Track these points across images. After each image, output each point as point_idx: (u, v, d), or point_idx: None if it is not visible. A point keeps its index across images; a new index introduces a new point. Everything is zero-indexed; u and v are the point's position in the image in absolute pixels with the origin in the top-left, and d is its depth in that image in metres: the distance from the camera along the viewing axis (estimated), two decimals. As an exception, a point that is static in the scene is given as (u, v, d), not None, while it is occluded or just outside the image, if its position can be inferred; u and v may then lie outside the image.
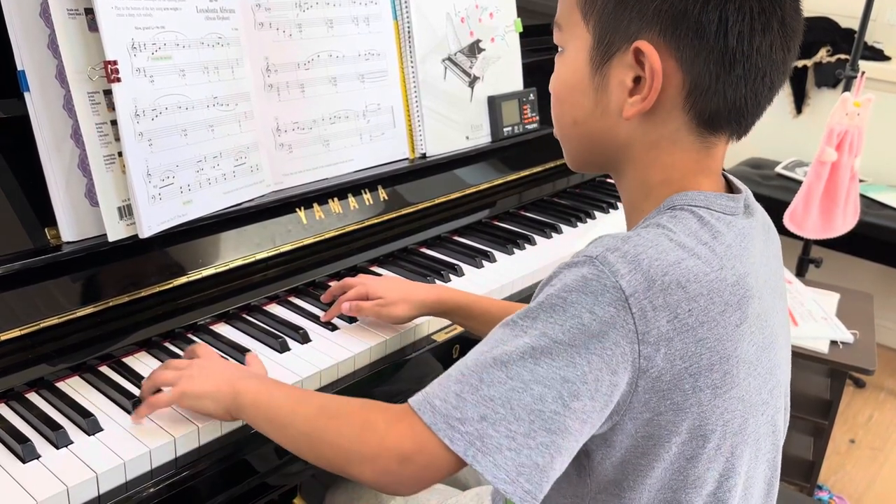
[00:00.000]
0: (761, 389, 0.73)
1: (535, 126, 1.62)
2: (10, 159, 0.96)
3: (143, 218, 0.98)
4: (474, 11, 1.50)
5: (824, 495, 2.06)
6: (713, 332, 0.67)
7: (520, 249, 1.43)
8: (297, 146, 1.23)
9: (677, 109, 0.71)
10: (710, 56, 0.68)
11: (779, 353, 0.77)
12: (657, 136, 0.73)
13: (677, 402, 0.67)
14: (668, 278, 0.65)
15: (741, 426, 0.72)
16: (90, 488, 0.81)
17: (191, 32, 1.05)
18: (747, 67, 0.68)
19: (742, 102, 0.70)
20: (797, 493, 1.31)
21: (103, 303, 0.98)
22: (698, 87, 0.69)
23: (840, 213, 2.13)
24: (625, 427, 0.68)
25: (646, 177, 0.75)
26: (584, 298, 0.65)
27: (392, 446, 0.68)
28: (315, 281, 1.23)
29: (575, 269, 0.67)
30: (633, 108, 0.71)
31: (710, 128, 0.72)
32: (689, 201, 0.72)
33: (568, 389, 0.64)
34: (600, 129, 0.75)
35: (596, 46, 0.72)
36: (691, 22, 0.67)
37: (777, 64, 0.70)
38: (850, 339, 1.84)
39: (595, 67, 0.73)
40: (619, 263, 0.65)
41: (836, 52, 2.82)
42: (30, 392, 0.93)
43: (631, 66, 0.70)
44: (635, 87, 0.71)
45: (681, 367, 0.66)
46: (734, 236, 0.71)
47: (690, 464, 0.70)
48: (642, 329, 0.64)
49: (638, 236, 0.67)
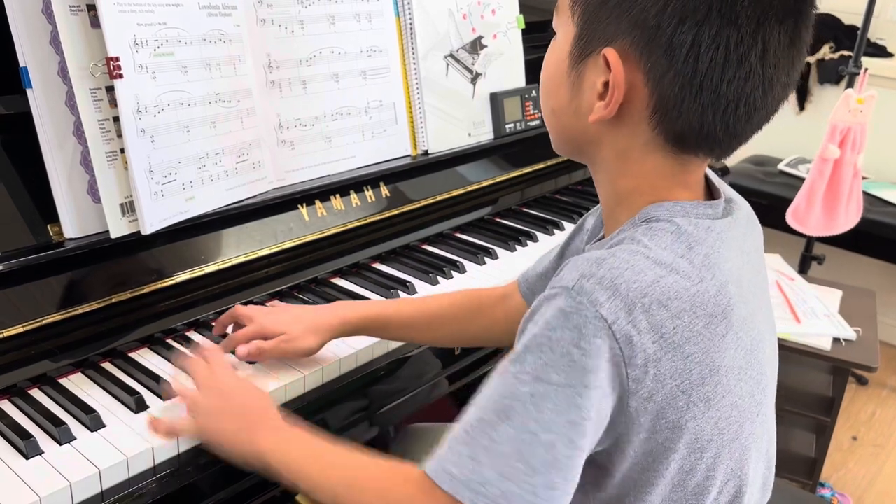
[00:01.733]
0: (754, 391, 0.73)
1: (537, 123, 1.62)
2: (13, 156, 0.96)
3: (145, 214, 0.98)
4: (476, 8, 1.50)
5: (826, 492, 2.06)
6: (700, 346, 0.66)
7: (522, 246, 1.43)
8: (299, 143, 1.23)
9: (644, 123, 0.69)
10: (677, 78, 0.65)
11: (766, 350, 0.76)
12: (626, 146, 0.71)
13: (672, 420, 0.67)
14: (647, 300, 0.64)
15: (737, 432, 0.72)
16: (93, 484, 0.81)
17: (193, 29, 1.05)
18: (713, 98, 0.65)
19: (711, 129, 0.67)
20: (799, 490, 1.31)
21: (105, 299, 0.99)
22: (663, 105, 0.67)
23: (843, 210, 2.12)
24: (623, 450, 0.68)
25: (616, 183, 0.74)
26: (569, 334, 0.63)
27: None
28: (317, 278, 1.23)
29: (553, 302, 0.65)
30: (596, 113, 0.70)
31: (681, 147, 0.70)
32: (664, 212, 0.70)
33: (575, 431, 0.63)
34: (573, 125, 0.74)
35: (576, 41, 0.71)
36: (663, 39, 0.64)
37: (754, 97, 0.67)
38: (853, 336, 1.84)
39: (573, 63, 0.71)
40: (596, 291, 0.63)
41: (839, 49, 2.81)
42: (33, 388, 0.93)
43: (603, 70, 0.68)
44: (604, 91, 0.69)
45: (672, 386, 0.65)
46: (711, 242, 0.69)
47: (690, 476, 0.70)
48: (628, 354, 0.63)
49: (613, 257, 0.66)
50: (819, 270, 2.57)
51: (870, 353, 1.81)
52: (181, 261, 1.07)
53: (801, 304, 1.95)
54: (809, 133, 2.80)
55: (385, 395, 1.11)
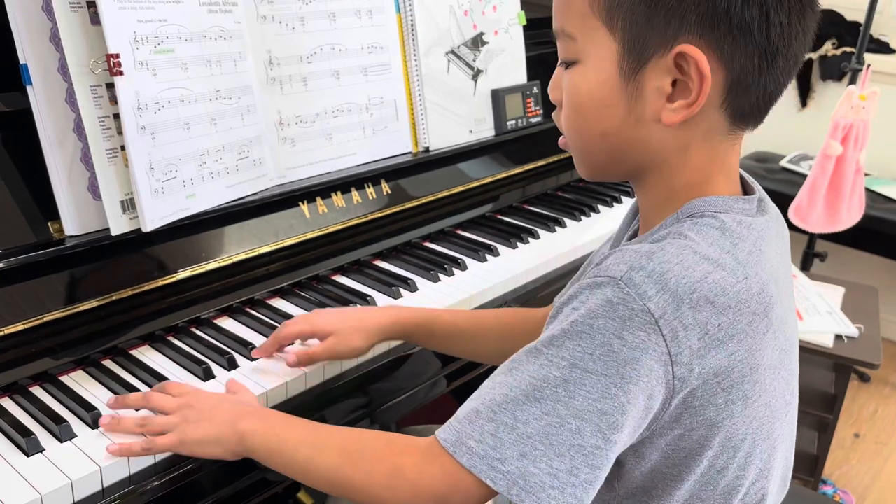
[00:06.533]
0: (784, 392, 0.73)
1: (538, 119, 1.62)
2: (13, 153, 0.96)
3: (145, 212, 0.98)
4: (478, 4, 1.50)
5: (829, 489, 2.06)
6: (742, 343, 0.65)
7: (523, 243, 1.43)
8: (300, 140, 1.23)
9: (713, 108, 0.68)
10: (754, 53, 0.65)
11: (795, 351, 0.76)
12: (689, 138, 0.70)
13: (710, 418, 0.66)
14: (696, 295, 0.63)
15: (769, 432, 0.71)
16: (94, 482, 0.81)
17: (193, 26, 1.05)
18: (788, 57, 0.67)
19: (778, 92, 0.69)
20: (802, 488, 1.30)
21: (106, 297, 0.98)
22: (741, 83, 0.67)
23: (845, 207, 2.12)
24: (655, 442, 0.68)
25: (672, 181, 0.72)
26: (612, 324, 0.62)
27: (426, 491, 0.67)
28: (318, 275, 1.23)
29: (599, 291, 0.64)
30: (676, 114, 0.67)
31: (740, 122, 0.70)
32: (709, 207, 0.70)
33: (607, 422, 0.62)
34: (632, 138, 0.70)
35: (627, 54, 0.67)
36: (735, 19, 0.64)
37: (806, 44, 0.68)
38: (855, 333, 1.84)
39: (628, 76, 0.68)
40: (645, 284, 0.62)
41: (842, 45, 2.80)
42: (33, 386, 0.93)
43: (669, 70, 0.66)
44: (674, 91, 0.67)
45: (713, 383, 0.65)
46: (753, 239, 0.69)
47: (721, 475, 0.70)
48: (675, 350, 0.62)
49: (662, 251, 0.64)
50: (821, 267, 2.56)
51: (872, 350, 1.81)
52: (182, 258, 1.07)
53: (803, 301, 1.95)
54: (812, 130, 2.80)
55: (386, 393, 1.10)
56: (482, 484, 0.64)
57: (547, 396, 0.63)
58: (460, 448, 0.65)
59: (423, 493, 0.67)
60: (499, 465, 0.63)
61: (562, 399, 0.62)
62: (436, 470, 0.66)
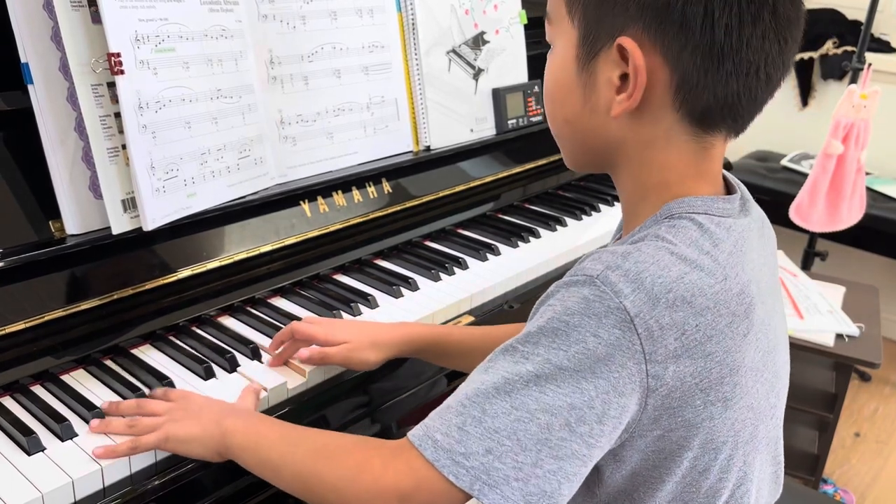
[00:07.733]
0: (769, 394, 0.73)
1: (539, 118, 1.62)
2: (14, 152, 0.96)
3: (147, 211, 0.98)
4: (479, 3, 1.50)
5: (829, 489, 2.06)
6: (721, 345, 0.65)
7: (524, 242, 1.43)
8: (301, 139, 1.23)
9: (666, 107, 0.68)
10: (697, 51, 0.64)
11: (781, 353, 0.76)
12: (650, 136, 0.70)
13: (688, 419, 0.66)
14: (672, 295, 0.63)
15: (752, 434, 0.71)
16: (95, 481, 0.81)
17: (194, 24, 1.05)
18: (737, 62, 0.65)
19: (735, 98, 0.66)
20: (802, 487, 1.31)
21: (108, 295, 0.98)
22: (686, 83, 0.66)
23: (846, 206, 2.12)
24: (635, 443, 0.67)
25: (641, 178, 0.72)
26: (588, 321, 0.62)
27: (390, 486, 0.66)
28: (319, 274, 1.23)
29: (575, 289, 0.64)
30: (619, 106, 0.68)
31: (704, 126, 0.69)
32: (687, 208, 0.69)
33: (575, 415, 0.62)
34: (591, 127, 0.72)
35: (581, 42, 0.69)
36: (676, 15, 0.63)
37: (772, 56, 0.66)
38: (856, 332, 1.84)
39: (581, 64, 0.70)
40: (621, 283, 0.62)
41: (843, 44, 2.80)
42: (35, 385, 0.93)
43: (617, 62, 0.67)
44: (622, 84, 0.67)
45: (691, 384, 0.64)
46: (734, 241, 0.69)
47: (703, 476, 0.69)
48: (649, 349, 0.62)
49: (638, 251, 0.65)
50: (822, 266, 2.56)
51: (873, 349, 1.81)
52: (183, 257, 1.07)
53: (803, 301, 1.94)
54: (813, 129, 2.80)
55: (385, 393, 1.10)
56: (446, 482, 0.63)
57: (517, 390, 0.63)
58: (426, 441, 0.64)
59: (387, 487, 0.66)
60: (462, 461, 0.62)
61: (532, 394, 0.62)
62: (401, 465, 0.65)
